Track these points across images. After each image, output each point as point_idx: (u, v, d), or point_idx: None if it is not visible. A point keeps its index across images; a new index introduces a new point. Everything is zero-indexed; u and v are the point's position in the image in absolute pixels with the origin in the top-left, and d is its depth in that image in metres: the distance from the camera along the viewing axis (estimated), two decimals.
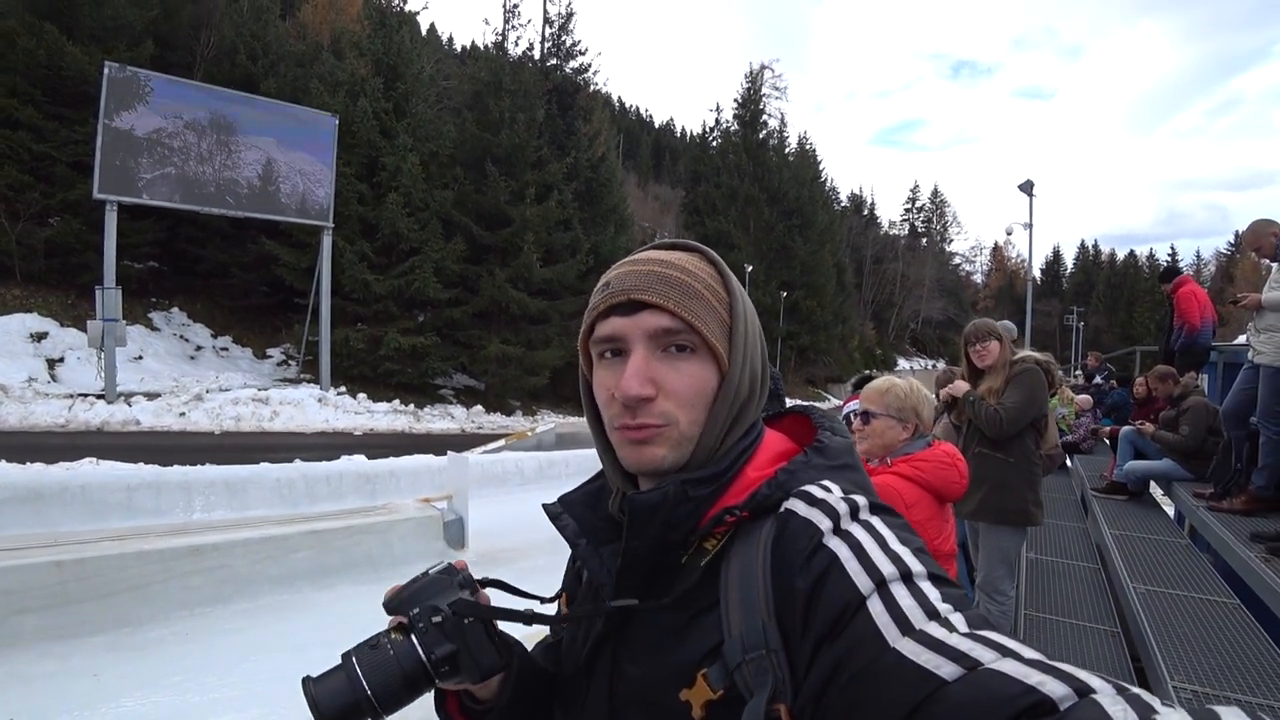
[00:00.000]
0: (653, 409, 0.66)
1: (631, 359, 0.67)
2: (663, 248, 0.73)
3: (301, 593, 4.50)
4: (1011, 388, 3.32)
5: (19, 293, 16.13)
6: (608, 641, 0.70)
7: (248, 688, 3.10)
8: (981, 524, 3.48)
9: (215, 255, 19.67)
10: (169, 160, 15.34)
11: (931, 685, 0.46)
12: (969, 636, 0.49)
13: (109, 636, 3.47)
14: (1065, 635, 3.74)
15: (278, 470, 6.41)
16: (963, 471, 2.21)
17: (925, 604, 0.53)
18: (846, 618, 0.54)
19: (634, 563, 0.67)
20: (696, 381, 0.67)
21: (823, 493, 0.64)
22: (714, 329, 0.68)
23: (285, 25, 23.98)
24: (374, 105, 20.09)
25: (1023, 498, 3.36)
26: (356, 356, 19.37)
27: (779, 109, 49.47)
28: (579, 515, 0.75)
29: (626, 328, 0.67)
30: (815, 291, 42.91)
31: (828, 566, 0.57)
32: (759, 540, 0.63)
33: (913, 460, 2.18)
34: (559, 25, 27.28)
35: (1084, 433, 8.10)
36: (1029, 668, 0.44)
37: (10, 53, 15.80)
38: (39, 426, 11.45)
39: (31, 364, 14.62)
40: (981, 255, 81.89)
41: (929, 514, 2.13)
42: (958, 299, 67.71)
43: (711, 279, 0.70)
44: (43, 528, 4.78)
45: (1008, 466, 3.34)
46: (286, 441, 12.62)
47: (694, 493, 0.66)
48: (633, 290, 0.67)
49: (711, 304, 0.68)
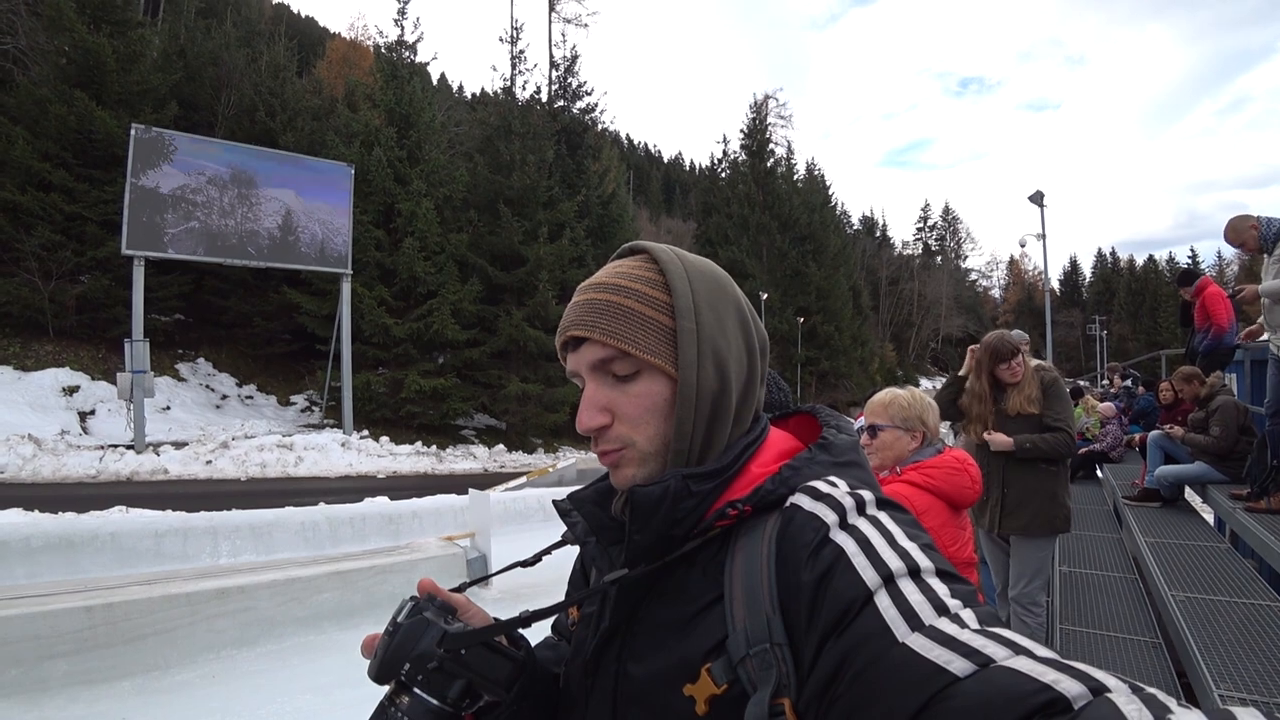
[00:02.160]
0: (611, 434, 0.69)
1: (584, 393, 0.70)
2: (618, 257, 0.75)
3: (326, 633, 4.49)
4: (1054, 400, 3.30)
5: (52, 348, 16.54)
6: (614, 640, 0.70)
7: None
8: (1014, 537, 3.41)
9: (238, 305, 20.10)
10: (193, 215, 15.81)
11: (943, 681, 0.46)
12: (980, 633, 0.49)
13: (137, 680, 3.48)
14: (1104, 648, 3.62)
15: (302, 513, 6.47)
16: (974, 477, 2.18)
17: (934, 599, 0.52)
18: (853, 612, 0.53)
19: (638, 557, 0.66)
20: (645, 400, 0.68)
21: (828, 487, 0.63)
22: (648, 343, 0.67)
23: (302, 82, 24.80)
24: (388, 154, 20.59)
25: (1064, 505, 3.36)
26: (378, 400, 19.56)
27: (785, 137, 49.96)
28: (589, 513, 0.76)
29: (576, 363, 0.70)
30: (832, 315, 42.81)
31: (834, 561, 0.57)
32: (763, 535, 0.63)
33: (923, 468, 2.15)
34: (565, 68, 27.96)
35: (1113, 441, 7.94)
36: (1043, 665, 0.44)
37: (43, 119, 16.46)
38: (71, 478, 11.66)
39: (64, 417, 14.94)
40: (998, 270, 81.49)
41: (942, 521, 2.09)
42: (977, 315, 67.17)
43: (647, 285, 0.70)
44: (74, 575, 4.86)
45: (1052, 476, 3.33)
46: (311, 486, 12.71)
47: (696, 487, 0.66)
48: (570, 327, 0.70)
49: (645, 316, 0.68)
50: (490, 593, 5.56)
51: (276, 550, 5.97)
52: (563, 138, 26.23)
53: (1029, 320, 60.59)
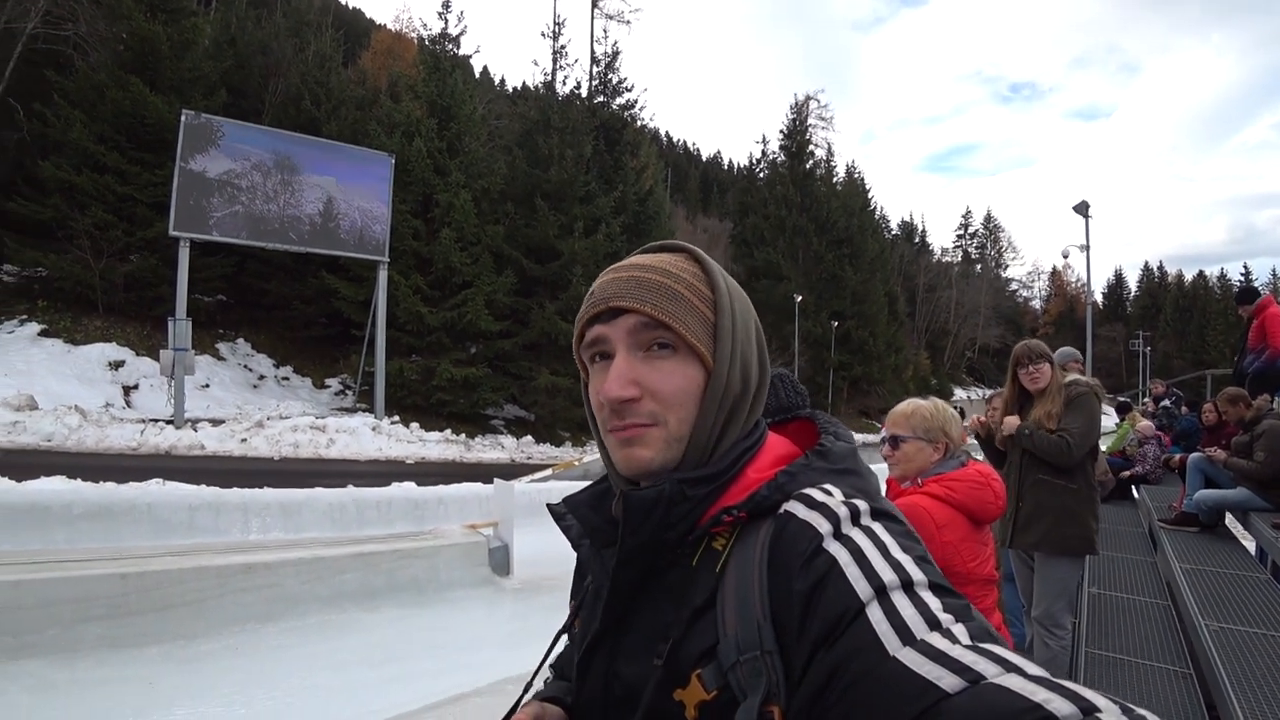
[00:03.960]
0: (639, 410, 0.66)
1: (614, 362, 0.67)
2: (650, 250, 0.74)
3: (348, 613, 4.58)
4: (1071, 412, 3.17)
5: (100, 323, 17.11)
6: (604, 640, 0.70)
7: (291, 703, 3.17)
8: (1038, 554, 3.31)
9: (279, 289, 20.56)
10: (237, 199, 16.20)
11: (933, 697, 0.45)
12: (972, 649, 0.48)
13: (164, 647, 3.59)
14: (1131, 675, 3.51)
15: (330, 495, 6.60)
16: (998, 492, 2.12)
17: (927, 614, 0.52)
18: (844, 624, 0.53)
19: (630, 559, 0.66)
20: (679, 379, 0.67)
21: (823, 496, 0.63)
22: (693, 327, 0.68)
23: (347, 72, 25.25)
24: (428, 145, 20.85)
25: (1087, 525, 3.20)
26: (410, 387, 19.84)
27: (825, 139, 49.40)
28: (583, 516, 0.75)
29: (608, 332, 0.68)
30: (867, 321, 42.31)
31: (827, 571, 0.56)
32: (756, 542, 0.62)
33: (944, 480, 2.10)
34: (605, 64, 27.97)
35: (1151, 462, 7.70)
36: (1034, 684, 0.43)
37: (100, 103, 17.03)
38: (113, 449, 12.05)
39: (109, 390, 15.45)
40: (1040, 280, 79.61)
41: (962, 535, 2.04)
42: (1016, 325, 65.69)
43: (694, 277, 0.70)
44: (112, 542, 5.02)
45: (1071, 494, 3.19)
46: (341, 468, 12.95)
47: (691, 492, 0.65)
48: (612, 297, 0.68)
49: (691, 303, 0.68)
50: (511, 583, 5.62)
51: (304, 529, 6.09)
52: (601, 133, 26.27)
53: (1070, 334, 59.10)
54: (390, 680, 3.42)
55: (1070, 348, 4.95)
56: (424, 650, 4.15)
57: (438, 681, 3.43)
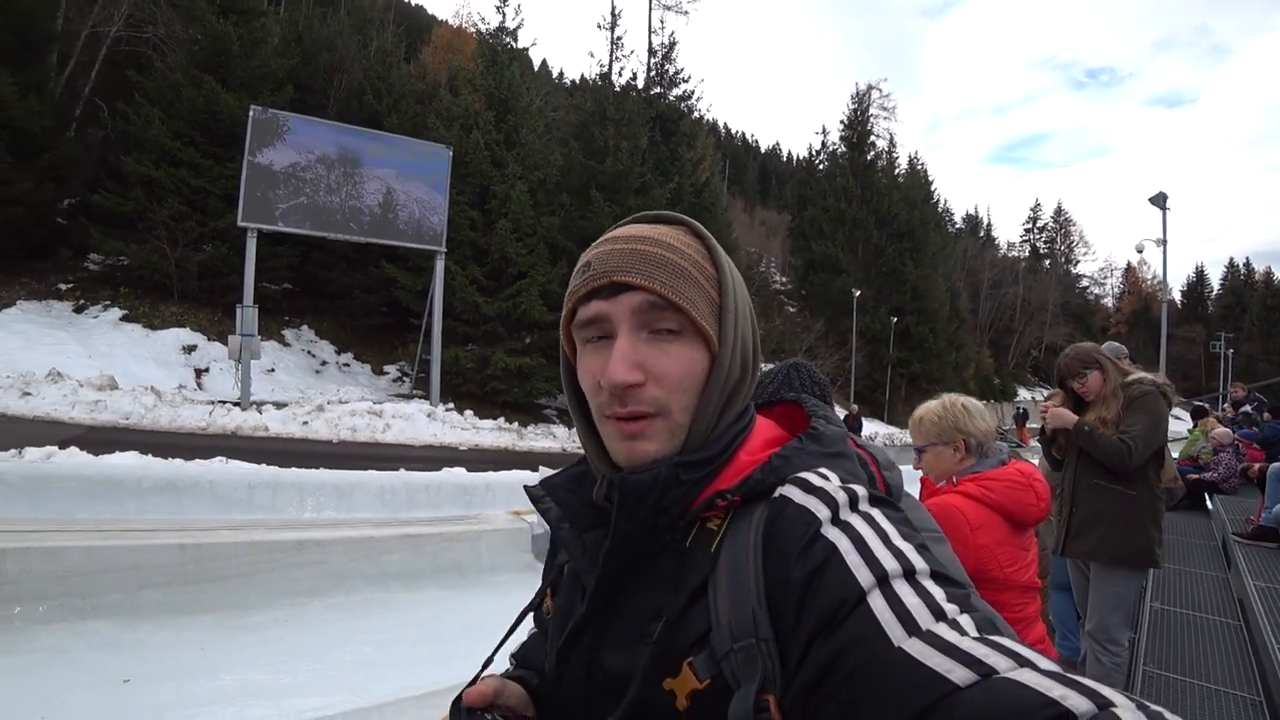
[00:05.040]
0: (642, 395, 0.63)
1: (617, 344, 0.63)
2: (645, 220, 0.70)
3: (391, 592, 4.71)
4: (1132, 413, 2.94)
5: (175, 310, 18.03)
6: (588, 628, 0.67)
7: (332, 674, 3.28)
8: (1093, 564, 3.10)
9: (341, 278, 21.24)
10: (302, 191, 16.78)
11: (942, 689, 0.44)
12: (981, 641, 0.46)
13: (217, 615, 3.77)
14: (1195, 699, 3.31)
15: (382, 478, 6.81)
16: (1040, 493, 2.00)
17: (931, 604, 0.50)
18: (845, 612, 0.51)
19: (622, 545, 0.64)
20: (686, 364, 0.64)
21: (820, 480, 0.61)
22: (702, 308, 0.64)
23: (408, 67, 25.89)
24: (485, 137, 21.16)
25: (1147, 536, 2.96)
26: (465, 375, 20.24)
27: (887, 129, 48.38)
28: (561, 499, 0.73)
29: (610, 310, 0.64)
30: (927, 317, 41.13)
31: (826, 558, 0.54)
32: (750, 526, 0.60)
33: (981, 479, 1.99)
34: (662, 55, 27.89)
35: (1225, 470, 7.26)
36: (1049, 680, 0.42)
37: (177, 101, 17.94)
38: (184, 428, 12.66)
39: (182, 373, 16.27)
40: (1113, 277, 75.87)
41: (999, 538, 1.92)
42: (1085, 324, 62.75)
43: (698, 254, 0.67)
44: (176, 515, 5.30)
45: (1130, 501, 2.96)
46: (396, 452, 13.30)
47: (686, 476, 0.63)
48: (615, 271, 0.63)
49: (698, 281, 0.65)
50: None
51: (356, 510, 6.30)
52: (657, 125, 26.23)
53: (1144, 333, 56.21)
54: (427, 659, 3.50)
55: (1115, 343, 4.62)
56: (461, 631, 4.23)
57: (470, 662, 3.48)
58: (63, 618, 3.44)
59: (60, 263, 18.27)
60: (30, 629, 3.34)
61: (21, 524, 4.33)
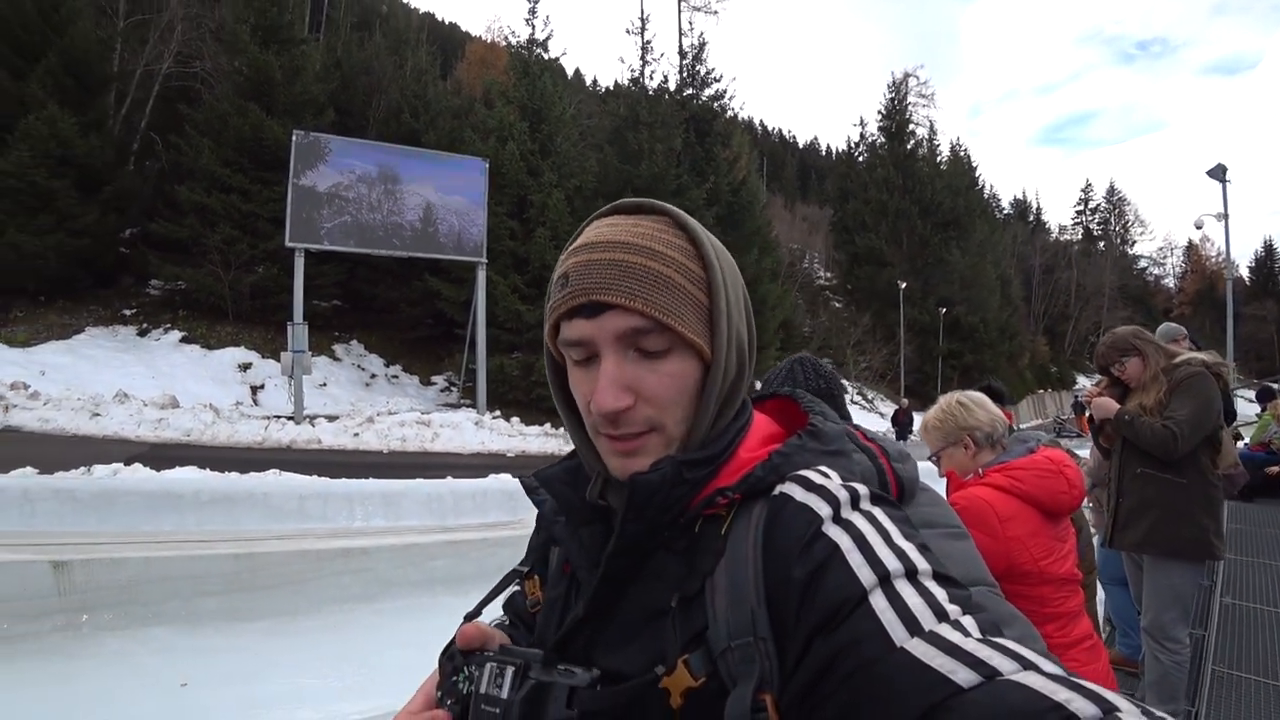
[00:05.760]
0: (634, 416, 0.61)
1: (603, 368, 0.61)
2: (625, 211, 0.67)
3: (437, 597, 4.77)
4: (1178, 397, 2.78)
5: (230, 329, 18.78)
6: (583, 629, 0.65)
7: (377, 678, 3.35)
8: (1146, 557, 2.96)
9: (386, 293, 21.78)
10: (345, 210, 17.25)
11: (945, 691, 0.43)
12: (985, 642, 0.46)
13: (270, 622, 3.89)
14: (1269, 700, 3.13)
15: (429, 486, 6.93)
16: (1071, 480, 1.91)
17: (933, 604, 0.50)
18: (845, 611, 0.50)
19: (630, 546, 0.62)
20: (678, 381, 0.62)
21: (821, 478, 0.60)
22: (689, 320, 0.62)
23: (443, 84, 26.45)
24: (521, 147, 21.45)
25: (1200, 526, 2.79)
26: (511, 382, 20.47)
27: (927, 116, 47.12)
28: (557, 492, 0.71)
29: (592, 332, 0.61)
30: (977, 306, 40.15)
31: (827, 556, 0.54)
32: (749, 524, 0.59)
33: (1009, 469, 1.91)
34: (693, 56, 27.90)
35: None
36: (1054, 683, 0.41)
37: (225, 130, 18.71)
38: (241, 443, 13.13)
39: (239, 390, 16.90)
40: (1173, 256, 72.73)
41: (1031, 529, 1.85)
42: (1146, 306, 60.27)
43: (683, 255, 0.63)
44: (232, 526, 5.49)
45: (1180, 489, 2.81)
46: (445, 461, 13.53)
47: (689, 475, 0.62)
48: (593, 290, 0.60)
49: (684, 289, 0.62)
50: None
51: (404, 518, 6.43)
52: (691, 125, 26.23)
53: (1210, 313, 53.58)
54: None
55: (1172, 324, 4.35)
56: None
57: None
58: (125, 625, 3.60)
59: (124, 290, 19.18)
60: (97, 635, 3.51)
61: (90, 537, 4.54)
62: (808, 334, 34.70)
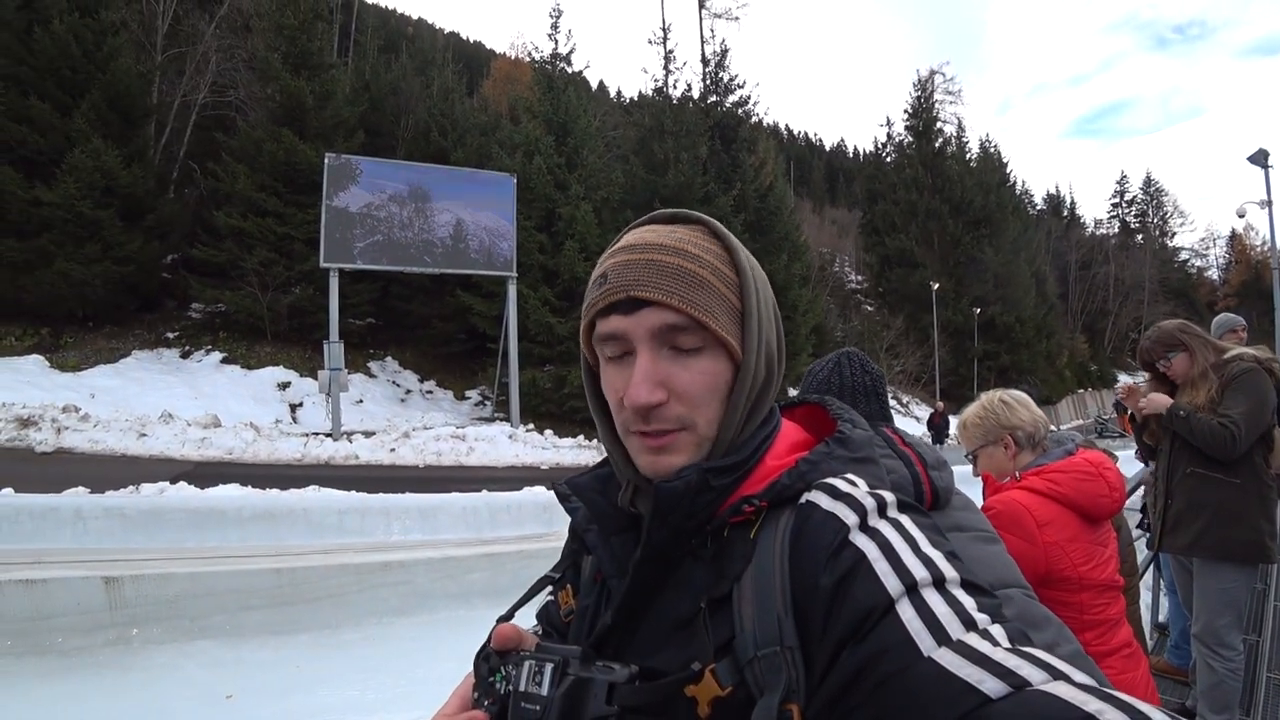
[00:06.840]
0: (666, 413, 0.62)
1: (638, 363, 0.62)
2: (661, 221, 0.69)
3: (475, 609, 4.81)
4: (1231, 394, 2.67)
5: (269, 349, 19.21)
6: (611, 637, 0.66)
7: (416, 690, 3.37)
8: (1196, 561, 2.85)
9: (419, 309, 22.09)
10: (377, 229, 17.58)
11: (973, 701, 0.43)
12: (1013, 652, 0.46)
13: (311, 635, 3.95)
14: None
15: (464, 499, 7.00)
16: (1112, 483, 1.85)
17: (961, 613, 0.49)
18: (873, 620, 0.50)
19: (656, 554, 0.63)
20: (710, 379, 0.63)
21: (848, 486, 0.60)
22: (723, 320, 0.63)
23: (470, 101, 26.88)
24: (547, 161, 21.67)
25: (1255, 528, 2.68)
26: (544, 395, 20.58)
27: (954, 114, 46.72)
28: (589, 500, 0.72)
29: (629, 327, 0.63)
30: (1012, 305, 39.33)
31: (854, 565, 0.54)
32: (776, 532, 0.60)
33: (1046, 472, 1.85)
34: (715, 63, 27.94)
35: None
36: (1085, 693, 0.41)
37: (259, 156, 19.24)
38: (281, 460, 13.41)
39: (278, 408, 17.27)
40: (1216, 247, 70.35)
41: (1071, 534, 1.78)
42: (1188, 300, 58.41)
43: (717, 259, 0.65)
44: (274, 541, 5.60)
45: (1234, 490, 2.69)
46: (481, 474, 13.64)
47: (715, 481, 0.62)
48: (632, 285, 0.62)
49: (718, 290, 0.64)
50: None
51: (440, 531, 6.49)
52: (716, 133, 26.26)
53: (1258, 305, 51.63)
54: None
55: (1230, 314, 4.15)
56: None
57: None
58: (173, 638, 3.69)
59: (167, 314, 19.76)
60: (146, 649, 3.61)
61: (138, 553, 4.67)
62: (840, 338, 34.33)
